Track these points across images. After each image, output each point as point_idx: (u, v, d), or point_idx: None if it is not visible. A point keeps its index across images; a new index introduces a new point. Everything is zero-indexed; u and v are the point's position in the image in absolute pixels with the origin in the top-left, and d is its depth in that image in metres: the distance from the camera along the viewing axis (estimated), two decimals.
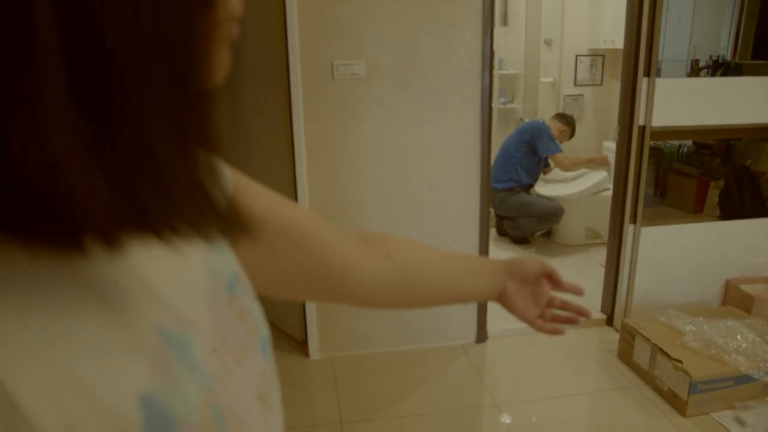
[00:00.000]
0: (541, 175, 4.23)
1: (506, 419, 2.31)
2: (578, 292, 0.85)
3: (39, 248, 0.29)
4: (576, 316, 0.86)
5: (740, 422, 2.19)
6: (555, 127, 4.05)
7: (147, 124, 0.29)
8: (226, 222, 0.36)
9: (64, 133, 0.26)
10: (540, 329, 0.84)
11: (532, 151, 3.95)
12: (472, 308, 2.78)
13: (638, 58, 2.64)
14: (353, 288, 0.70)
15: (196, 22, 0.31)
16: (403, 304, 0.78)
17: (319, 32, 2.33)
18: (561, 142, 4.11)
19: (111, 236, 0.29)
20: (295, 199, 2.45)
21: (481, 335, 2.83)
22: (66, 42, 0.26)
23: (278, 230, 0.62)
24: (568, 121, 4.11)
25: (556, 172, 4.30)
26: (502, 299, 0.81)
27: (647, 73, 2.62)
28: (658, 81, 2.62)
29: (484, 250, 2.70)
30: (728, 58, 3.59)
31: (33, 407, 0.26)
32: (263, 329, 0.49)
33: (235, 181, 0.51)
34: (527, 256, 0.81)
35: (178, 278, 0.41)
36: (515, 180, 3.96)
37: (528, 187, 4.08)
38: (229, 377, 0.41)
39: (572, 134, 4.15)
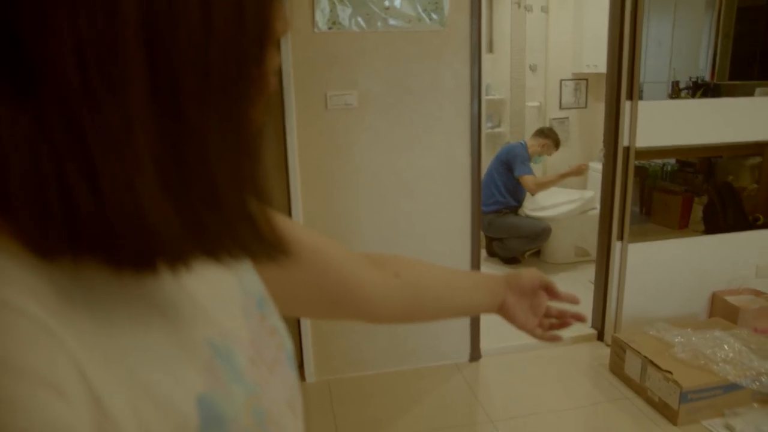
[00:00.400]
0: (529, 195, 4.32)
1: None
2: (575, 301, 0.90)
3: (119, 270, 0.33)
4: (570, 320, 0.91)
5: (730, 429, 2.25)
6: (536, 143, 4.12)
7: (212, 164, 0.35)
8: (271, 245, 0.41)
9: (147, 176, 0.31)
10: (539, 337, 0.88)
11: (510, 172, 4.05)
12: (464, 327, 2.84)
13: (621, 82, 2.75)
14: (365, 305, 0.75)
15: (253, 72, 0.36)
16: (412, 318, 0.82)
17: (312, 64, 2.43)
18: (548, 155, 4.21)
19: (180, 259, 0.34)
20: (281, 229, 2.51)
21: (475, 354, 2.89)
22: (152, 99, 0.31)
23: (296, 253, 0.69)
24: (547, 134, 4.16)
25: (544, 194, 4.39)
26: (503, 311, 0.85)
27: (630, 96, 2.73)
28: (641, 103, 2.73)
29: (475, 268, 2.77)
30: (707, 79, 3.73)
31: (116, 409, 0.30)
32: (289, 344, 0.54)
33: None
34: (525, 269, 0.86)
35: (220, 297, 0.47)
36: (501, 202, 4.05)
37: (515, 209, 4.17)
38: (267, 385, 0.46)
39: (557, 144, 4.18)
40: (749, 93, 3.41)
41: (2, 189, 0.29)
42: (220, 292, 0.47)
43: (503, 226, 4.05)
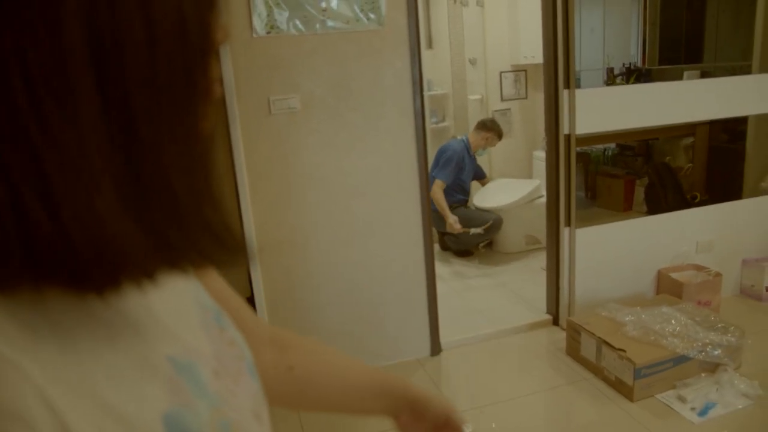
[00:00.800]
0: (476, 189, 4.39)
1: (468, 427, 2.39)
2: None
3: (82, 293, 0.33)
4: None
5: (681, 399, 2.34)
6: (479, 137, 4.19)
7: (170, 176, 0.35)
8: (233, 250, 0.41)
9: (106, 194, 0.31)
10: None
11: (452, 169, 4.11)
12: (423, 323, 2.86)
13: (557, 72, 2.81)
14: None
15: (199, 82, 0.36)
16: (298, 408, 0.83)
17: (253, 70, 2.40)
18: (492, 146, 4.28)
19: (145, 274, 0.35)
20: (242, 233, 2.48)
21: (435, 348, 2.92)
22: (104, 117, 0.31)
23: None
24: (489, 126, 4.22)
25: (491, 185, 4.47)
26: (397, 423, 0.81)
27: (567, 85, 2.80)
28: (578, 91, 2.81)
29: (429, 266, 2.80)
30: (639, 64, 3.88)
31: None
32: (248, 354, 0.54)
33: None
34: (439, 399, 0.79)
35: (179, 312, 0.47)
36: (448, 198, 4.09)
37: (464, 202, 4.23)
38: (231, 397, 0.46)
39: (499, 136, 4.25)
40: (678, 76, 3.56)
41: None
42: (178, 308, 0.47)
43: None
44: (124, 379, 0.36)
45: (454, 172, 4.08)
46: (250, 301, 2.60)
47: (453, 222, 3.96)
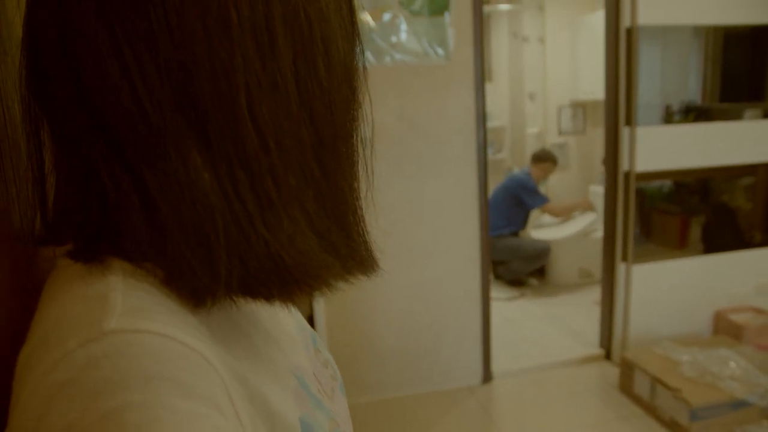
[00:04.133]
0: (533, 220, 4.42)
1: None
2: None
3: (269, 302, 0.39)
4: None
5: None
6: (538, 169, 4.25)
7: (344, 191, 0.42)
8: (373, 267, 0.47)
9: (309, 228, 0.38)
10: None
11: (518, 203, 4.17)
12: (476, 350, 2.90)
13: (618, 109, 2.85)
14: None
15: (357, 114, 0.44)
16: None
17: None
18: (549, 175, 4.33)
19: (328, 286, 0.40)
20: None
21: (486, 376, 2.94)
22: (313, 156, 0.39)
23: None
24: (544, 157, 4.28)
25: (546, 217, 4.49)
26: None
27: (628, 122, 2.84)
28: (639, 129, 2.84)
29: (485, 293, 2.84)
30: (698, 103, 3.86)
31: (246, 423, 0.35)
32: (339, 375, 0.60)
33: None
34: None
35: (288, 334, 0.53)
36: (502, 227, 4.16)
37: (516, 233, 4.27)
38: (336, 413, 0.51)
39: (555, 162, 4.31)
40: (738, 114, 3.53)
41: (177, 241, 0.35)
42: (287, 329, 0.53)
43: (504, 248, 4.14)
44: (271, 381, 0.42)
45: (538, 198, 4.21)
46: (310, 320, 2.69)
47: (583, 203, 4.22)
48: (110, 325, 0.31)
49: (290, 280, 0.38)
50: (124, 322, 0.32)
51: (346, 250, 0.42)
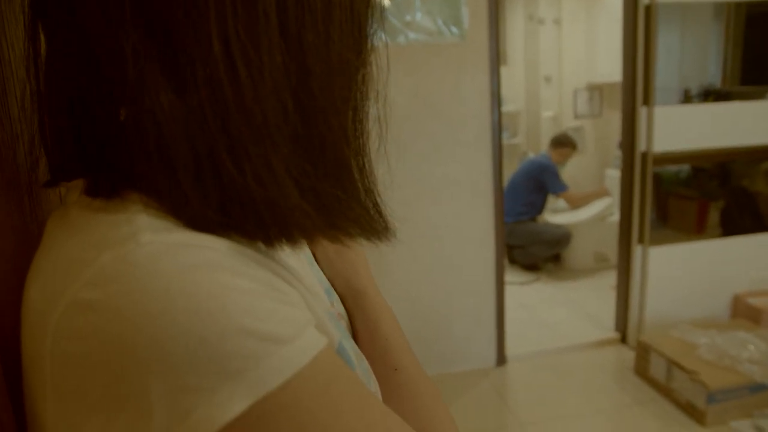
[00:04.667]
0: (551, 204, 4.39)
1: None
2: None
3: (253, 240, 0.37)
4: None
5: (759, 429, 2.28)
6: (557, 154, 4.20)
7: (337, 137, 0.39)
8: (384, 227, 0.46)
9: (282, 168, 0.35)
10: None
11: (539, 188, 4.13)
12: (491, 332, 2.88)
13: (636, 89, 2.81)
14: None
15: (360, 59, 0.42)
16: None
17: None
18: (568, 160, 4.28)
19: (305, 233, 0.38)
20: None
21: (501, 358, 2.93)
22: (286, 82, 0.35)
23: None
24: (564, 142, 4.23)
25: (561, 201, 4.45)
26: None
27: (646, 102, 2.79)
28: (657, 109, 2.79)
29: (499, 276, 2.82)
30: (717, 85, 3.79)
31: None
32: (350, 329, 0.59)
33: None
34: None
35: (310, 281, 0.52)
36: (522, 213, 4.12)
37: (535, 217, 4.23)
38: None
39: (574, 147, 4.26)
40: (761, 98, 3.46)
41: (167, 170, 0.33)
42: (310, 279, 0.52)
43: (524, 233, 4.11)
44: (311, 303, 0.42)
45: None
46: None
47: (600, 191, 4.23)
48: (146, 237, 0.31)
49: (265, 221, 0.36)
50: (160, 236, 0.32)
51: (335, 203, 0.40)
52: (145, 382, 0.29)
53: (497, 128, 2.67)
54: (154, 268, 0.30)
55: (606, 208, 4.18)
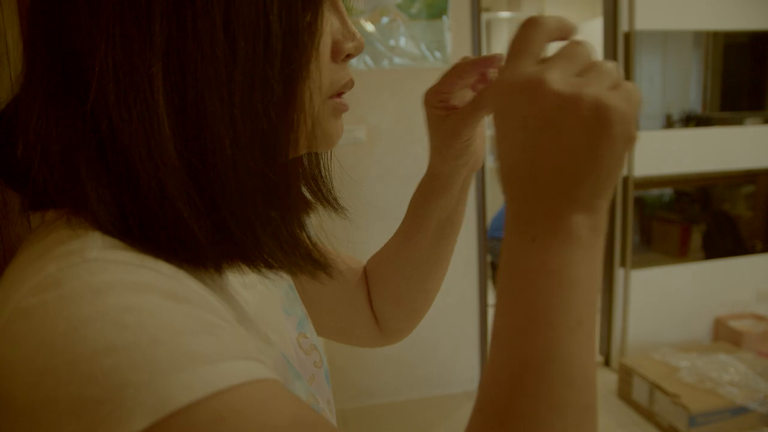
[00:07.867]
0: None
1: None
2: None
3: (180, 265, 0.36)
4: None
5: None
6: None
7: (232, 174, 0.36)
8: (313, 264, 0.44)
9: (186, 205, 0.35)
10: None
11: None
12: (474, 355, 2.88)
13: None
14: (380, 287, 0.75)
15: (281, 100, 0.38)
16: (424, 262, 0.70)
17: None
18: None
19: (215, 262, 0.38)
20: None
21: None
22: (182, 139, 0.35)
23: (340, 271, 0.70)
24: None
25: None
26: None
27: None
28: (638, 134, 2.83)
29: (483, 298, 2.83)
30: (698, 111, 3.86)
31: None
32: (325, 362, 0.59)
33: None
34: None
35: (267, 314, 0.51)
36: (497, 232, 4.13)
37: None
38: (316, 393, 0.51)
39: None
40: (739, 123, 3.53)
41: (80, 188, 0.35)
42: (267, 311, 0.52)
43: None
44: (255, 339, 0.42)
45: None
46: None
47: None
48: (92, 254, 0.32)
49: (178, 251, 0.37)
50: (107, 254, 0.33)
51: (240, 235, 0.38)
52: (57, 389, 0.28)
53: None
54: (90, 279, 0.30)
55: None
